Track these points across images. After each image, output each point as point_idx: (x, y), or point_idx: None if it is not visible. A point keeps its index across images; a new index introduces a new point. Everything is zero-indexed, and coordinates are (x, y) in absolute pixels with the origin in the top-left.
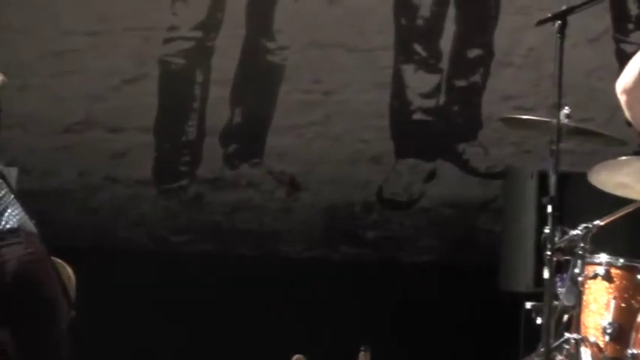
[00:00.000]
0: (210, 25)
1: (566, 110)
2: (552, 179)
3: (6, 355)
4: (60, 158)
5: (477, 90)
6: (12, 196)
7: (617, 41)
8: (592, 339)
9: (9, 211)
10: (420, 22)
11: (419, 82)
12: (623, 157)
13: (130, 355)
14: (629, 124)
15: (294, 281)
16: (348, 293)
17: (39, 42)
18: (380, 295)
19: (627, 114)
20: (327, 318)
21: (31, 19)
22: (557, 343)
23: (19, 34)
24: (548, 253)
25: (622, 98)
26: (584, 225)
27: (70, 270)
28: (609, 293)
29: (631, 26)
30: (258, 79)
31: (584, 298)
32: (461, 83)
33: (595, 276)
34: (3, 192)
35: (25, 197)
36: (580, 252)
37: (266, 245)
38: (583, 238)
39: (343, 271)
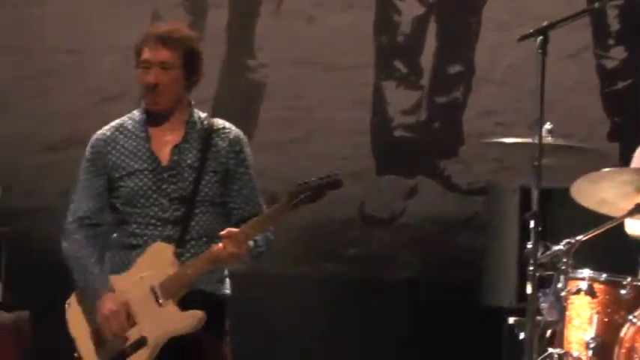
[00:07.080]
0: None
1: (547, 126)
2: (534, 194)
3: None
4: (44, 176)
5: (458, 106)
6: None
7: (598, 57)
8: (575, 354)
9: None
10: (400, 38)
11: (400, 98)
12: (605, 170)
13: None
14: (610, 138)
15: (274, 298)
16: (329, 310)
17: (21, 61)
18: (361, 313)
19: None
20: (311, 336)
21: (15, 39)
22: (540, 358)
23: (1, 53)
24: (531, 268)
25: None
26: (567, 240)
27: None
28: (592, 308)
29: (611, 42)
30: (240, 97)
31: (567, 313)
32: (442, 99)
33: (578, 291)
34: None
35: (9, 216)
36: (563, 267)
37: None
38: (565, 253)
39: (324, 289)
